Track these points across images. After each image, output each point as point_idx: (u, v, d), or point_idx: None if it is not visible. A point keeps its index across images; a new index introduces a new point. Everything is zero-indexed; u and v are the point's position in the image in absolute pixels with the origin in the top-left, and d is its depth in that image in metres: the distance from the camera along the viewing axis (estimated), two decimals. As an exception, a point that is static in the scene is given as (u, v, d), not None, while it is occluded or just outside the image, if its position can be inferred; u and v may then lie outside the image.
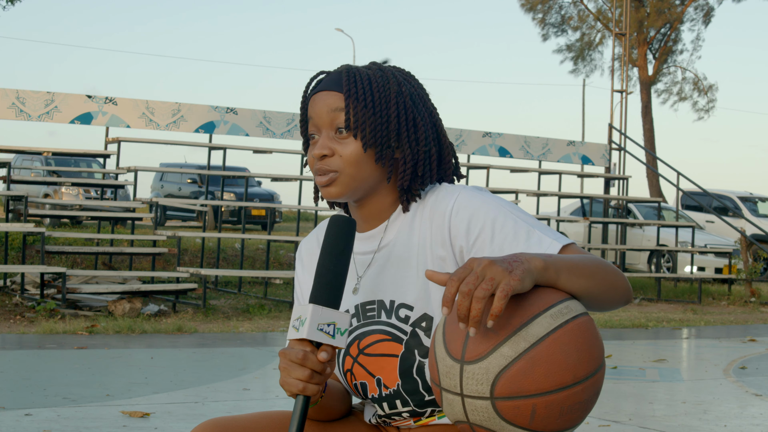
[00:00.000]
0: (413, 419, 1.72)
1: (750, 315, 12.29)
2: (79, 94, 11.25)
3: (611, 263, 1.56)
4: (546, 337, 1.38)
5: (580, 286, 1.47)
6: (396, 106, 1.68)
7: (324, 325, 1.47)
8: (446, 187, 1.69)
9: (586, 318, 1.45)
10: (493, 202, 1.62)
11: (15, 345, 7.20)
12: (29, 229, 9.77)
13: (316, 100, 1.70)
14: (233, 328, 8.68)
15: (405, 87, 1.71)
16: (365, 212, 1.74)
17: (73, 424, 4.22)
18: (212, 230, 17.00)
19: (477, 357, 1.39)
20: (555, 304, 1.42)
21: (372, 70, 1.71)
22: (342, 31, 45.53)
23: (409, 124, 1.69)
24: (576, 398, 1.40)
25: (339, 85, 1.68)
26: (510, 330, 1.39)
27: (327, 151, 1.66)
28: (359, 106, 1.65)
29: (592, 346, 1.43)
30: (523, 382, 1.37)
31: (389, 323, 1.68)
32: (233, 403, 4.90)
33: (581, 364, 1.40)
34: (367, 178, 1.68)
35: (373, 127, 1.66)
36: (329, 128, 1.67)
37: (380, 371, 1.68)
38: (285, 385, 1.49)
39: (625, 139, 15.84)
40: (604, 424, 4.59)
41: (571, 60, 32.64)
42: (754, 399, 5.58)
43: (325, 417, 1.74)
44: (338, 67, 1.74)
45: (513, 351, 1.38)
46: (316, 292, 1.49)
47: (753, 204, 20.41)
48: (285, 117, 12.40)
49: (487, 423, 1.40)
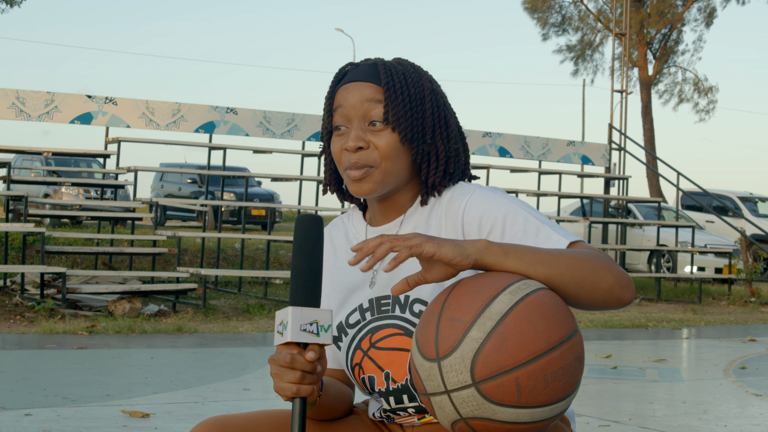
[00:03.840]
0: (417, 416, 1.72)
1: (750, 315, 12.29)
2: (79, 94, 11.26)
3: (612, 263, 1.53)
4: (510, 311, 1.42)
5: (538, 272, 1.48)
6: (431, 103, 1.69)
7: (307, 325, 1.48)
8: (462, 185, 1.70)
9: (546, 291, 1.47)
10: (505, 200, 1.64)
11: (15, 345, 7.20)
12: (29, 229, 9.77)
13: (348, 90, 1.68)
14: (233, 328, 8.68)
15: (435, 86, 1.73)
16: (384, 206, 1.74)
17: (73, 424, 4.21)
18: (212, 230, 17.00)
19: (450, 349, 1.42)
20: (512, 282, 1.45)
21: (404, 66, 1.71)
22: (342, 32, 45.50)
23: (442, 121, 1.70)
24: (556, 364, 1.41)
25: (373, 77, 1.68)
26: (473, 314, 1.42)
27: (362, 143, 1.66)
28: (398, 99, 1.66)
29: (558, 312, 1.44)
30: (498, 358, 1.39)
31: (403, 318, 1.68)
32: (233, 403, 4.90)
33: (551, 330, 1.42)
34: (399, 173, 1.68)
35: (410, 122, 1.66)
36: (362, 120, 1.67)
37: (390, 365, 1.68)
38: (279, 391, 1.50)
39: (625, 139, 15.84)
40: (604, 424, 4.59)
41: (572, 60, 32.66)
42: (754, 399, 5.58)
43: (326, 416, 1.74)
44: (364, 59, 1.74)
45: (481, 332, 1.41)
46: (293, 294, 1.49)
47: (753, 204, 20.41)
48: (285, 117, 12.39)
49: (478, 411, 1.41)
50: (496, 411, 1.40)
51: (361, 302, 1.74)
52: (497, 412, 1.40)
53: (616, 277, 1.51)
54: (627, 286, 1.52)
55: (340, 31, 41.14)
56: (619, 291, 1.51)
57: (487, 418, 1.41)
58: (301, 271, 1.50)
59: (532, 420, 1.42)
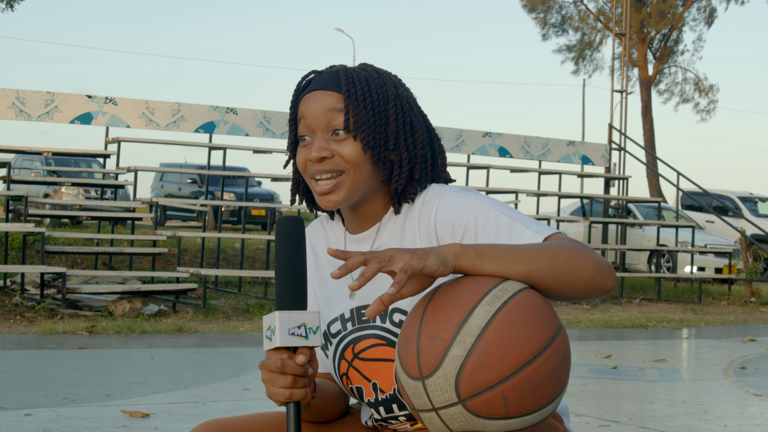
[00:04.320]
0: (410, 423, 1.71)
1: (750, 315, 12.29)
2: (79, 94, 11.26)
3: (589, 251, 1.49)
4: (488, 325, 1.39)
5: (515, 271, 1.45)
6: (394, 109, 1.66)
7: (295, 329, 1.47)
8: (434, 188, 1.67)
9: (526, 292, 1.44)
10: (475, 201, 1.60)
11: (15, 345, 7.20)
12: (29, 229, 9.77)
13: (310, 99, 1.66)
14: (233, 328, 8.69)
15: (401, 90, 1.69)
16: (358, 215, 1.72)
17: (73, 424, 4.21)
18: (212, 230, 17.00)
19: (432, 368, 1.40)
20: (488, 291, 1.42)
21: (368, 72, 1.68)
22: (342, 32, 45.50)
23: (407, 127, 1.67)
24: (542, 371, 1.39)
25: (335, 85, 1.65)
26: (452, 331, 1.40)
27: (326, 153, 1.63)
28: (359, 106, 1.63)
29: (539, 315, 1.41)
30: (481, 375, 1.38)
31: (384, 328, 1.66)
32: (233, 403, 4.90)
33: (533, 338, 1.39)
34: (365, 181, 1.65)
35: (372, 129, 1.63)
36: (324, 130, 1.64)
37: (376, 375, 1.67)
38: (272, 396, 1.49)
39: (625, 139, 15.84)
40: (604, 424, 4.59)
41: (572, 60, 32.65)
42: (754, 399, 5.58)
43: (322, 419, 1.73)
44: (329, 67, 1.71)
45: (461, 350, 1.39)
46: (279, 298, 1.48)
47: (753, 204, 20.41)
48: (285, 117, 12.38)
49: (468, 426, 1.41)
50: (486, 424, 1.40)
51: (342, 312, 1.73)
52: (487, 425, 1.40)
53: (595, 266, 1.47)
54: (607, 274, 1.48)
55: (340, 31, 41.16)
56: (600, 279, 1.48)
57: (477, 431, 1.41)
58: (285, 274, 1.48)
59: (523, 427, 1.42)
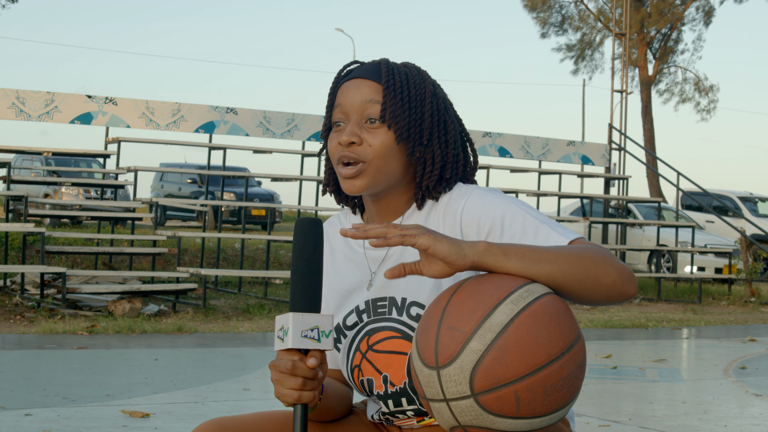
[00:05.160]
0: (417, 419, 1.71)
1: (750, 315, 12.29)
2: (79, 94, 11.26)
3: (612, 257, 1.52)
4: (510, 323, 1.39)
5: (540, 272, 1.47)
6: (430, 106, 1.69)
7: (308, 331, 1.47)
8: (460, 186, 1.70)
9: (550, 297, 1.45)
10: (502, 200, 1.63)
11: (15, 345, 7.20)
12: (29, 229, 9.77)
13: (349, 87, 1.69)
14: (233, 328, 8.69)
15: (438, 90, 1.73)
16: (381, 207, 1.73)
17: (73, 424, 4.21)
18: (212, 230, 17.00)
19: (449, 359, 1.40)
20: (514, 290, 1.43)
21: (409, 68, 1.71)
22: (342, 32, 45.51)
23: (441, 125, 1.70)
24: (557, 375, 1.40)
25: (375, 75, 1.68)
26: (474, 324, 1.40)
27: (355, 139, 1.65)
28: (396, 98, 1.66)
29: (561, 321, 1.42)
30: (497, 371, 1.38)
31: (400, 320, 1.67)
32: (233, 403, 4.90)
33: (553, 342, 1.40)
34: (392, 173, 1.67)
35: (407, 122, 1.66)
36: (359, 117, 1.67)
37: (388, 368, 1.68)
38: (281, 397, 1.49)
39: (625, 139, 15.85)
40: (604, 424, 4.59)
41: (572, 60, 32.68)
42: (754, 399, 5.58)
43: (326, 418, 1.73)
44: (372, 60, 1.74)
45: (481, 344, 1.39)
46: (294, 300, 1.48)
47: (753, 204, 20.41)
48: (285, 117, 12.39)
49: (477, 421, 1.41)
50: (495, 421, 1.40)
51: (357, 304, 1.74)
52: (496, 422, 1.40)
53: (618, 272, 1.50)
54: (629, 280, 1.51)
55: (340, 31, 41.14)
56: (622, 285, 1.50)
57: (485, 427, 1.41)
58: (301, 275, 1.48)
59: (531, 429, 1.42)
